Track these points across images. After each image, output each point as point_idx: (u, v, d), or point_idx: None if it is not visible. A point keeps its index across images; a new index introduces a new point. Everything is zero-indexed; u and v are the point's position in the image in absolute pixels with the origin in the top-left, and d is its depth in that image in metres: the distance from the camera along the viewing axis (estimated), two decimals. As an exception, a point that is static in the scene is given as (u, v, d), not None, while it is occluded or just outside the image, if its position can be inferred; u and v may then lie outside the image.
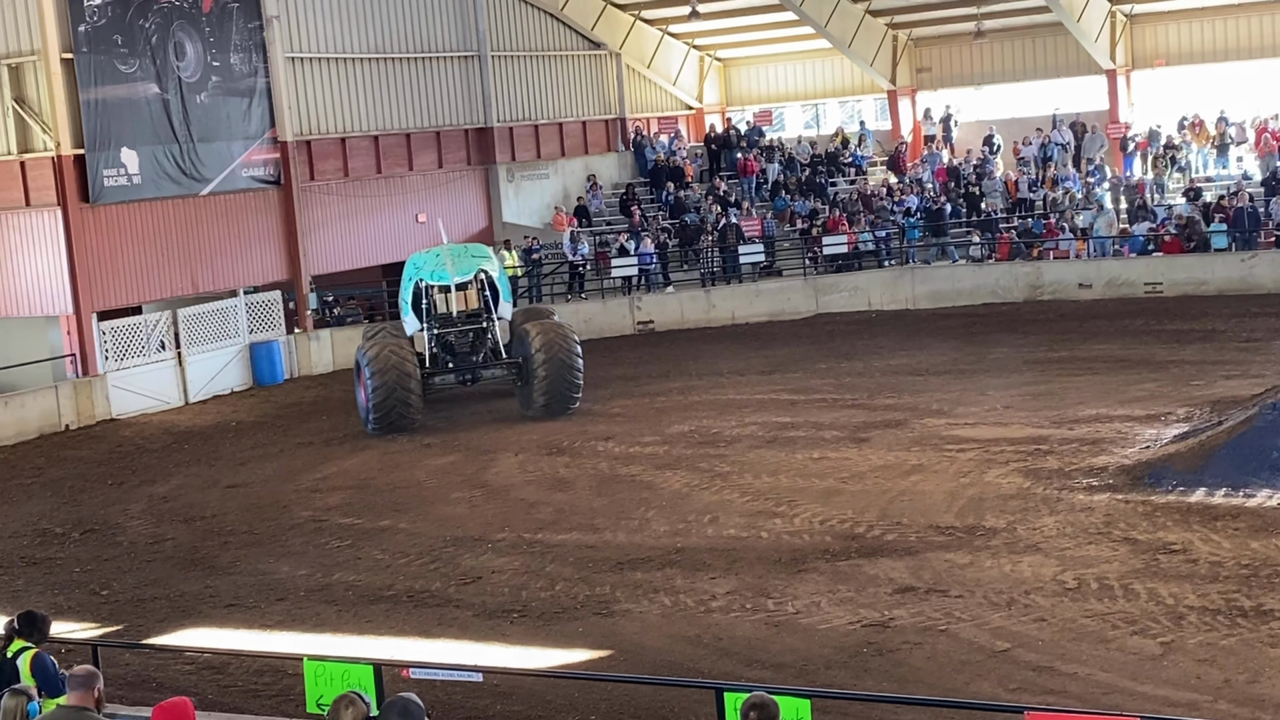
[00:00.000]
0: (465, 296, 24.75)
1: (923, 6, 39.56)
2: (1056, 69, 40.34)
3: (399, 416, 23.61)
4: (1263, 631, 12.04)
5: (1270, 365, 22.97)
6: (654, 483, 19.24)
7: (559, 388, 23.90)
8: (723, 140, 41.25)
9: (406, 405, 23.60)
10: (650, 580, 14.94)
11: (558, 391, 23.93)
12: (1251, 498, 15.84)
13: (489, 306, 24.82)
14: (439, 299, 24.69)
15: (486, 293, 24.77)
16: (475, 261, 24.94)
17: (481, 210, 36.71)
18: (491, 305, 24.83)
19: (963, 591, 13.72)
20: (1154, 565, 13.97)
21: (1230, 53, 38.76)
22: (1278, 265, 31.52)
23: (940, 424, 21.22)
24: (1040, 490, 17.03)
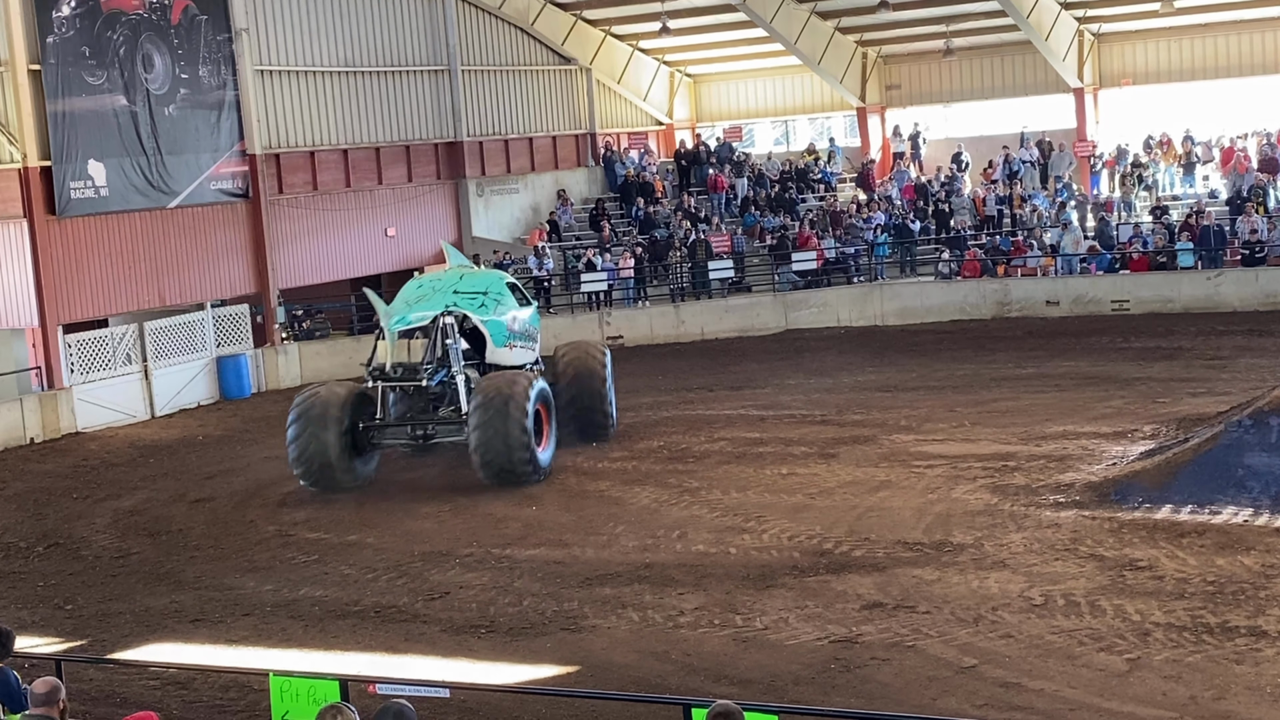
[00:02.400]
0: (408, 346, 21.39)
1: (892, 24, 39.75)
2: (1025, 87, 40.64)
3: (320, 474, 20.31)
4: (1228, 648, 12.09)
5: (1236, 383, 23.11)
6: (622, 498, 19.22)
7: (492, 453, 19.64)
8: (693, 156, 41.33)
9: (324, 463, 20.18)
10: (618, 596, 14.92)
11: (490, 457, 19.70)
12: (1217, 515, 15.92)
13: (449, 358, 20.72)
14: (379, 345, 21.38)
15: (450, 341, 20.77)
16: (445, 300, 21.11)
17: (451, 225, 36.66)
18: (452, 357, 20.68)
19: (930, 608, 13.74)
20: (1120, 582, 14.02)
21: (1196, 72, 39.12)
22: (1243, 283, 31.75)
23: (908, 440, 21.27)
24: (1007, 507, 17.08)
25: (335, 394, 20.54)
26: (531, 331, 22.43)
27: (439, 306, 21.01)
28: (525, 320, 22.20)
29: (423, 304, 21.18)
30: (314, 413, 20.27)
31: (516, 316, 21.87)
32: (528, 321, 22.32)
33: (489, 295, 21.56)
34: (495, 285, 22.01)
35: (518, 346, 21.84)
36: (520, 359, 21.90)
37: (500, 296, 21.70)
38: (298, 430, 20.33)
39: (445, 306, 21.01)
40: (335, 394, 20.54)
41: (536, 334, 22.67)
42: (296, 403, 20.72)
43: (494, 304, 21.51)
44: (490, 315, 21.37)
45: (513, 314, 21.79)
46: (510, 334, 21.63)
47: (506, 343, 21.56)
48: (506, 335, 21.57)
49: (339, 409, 20.29)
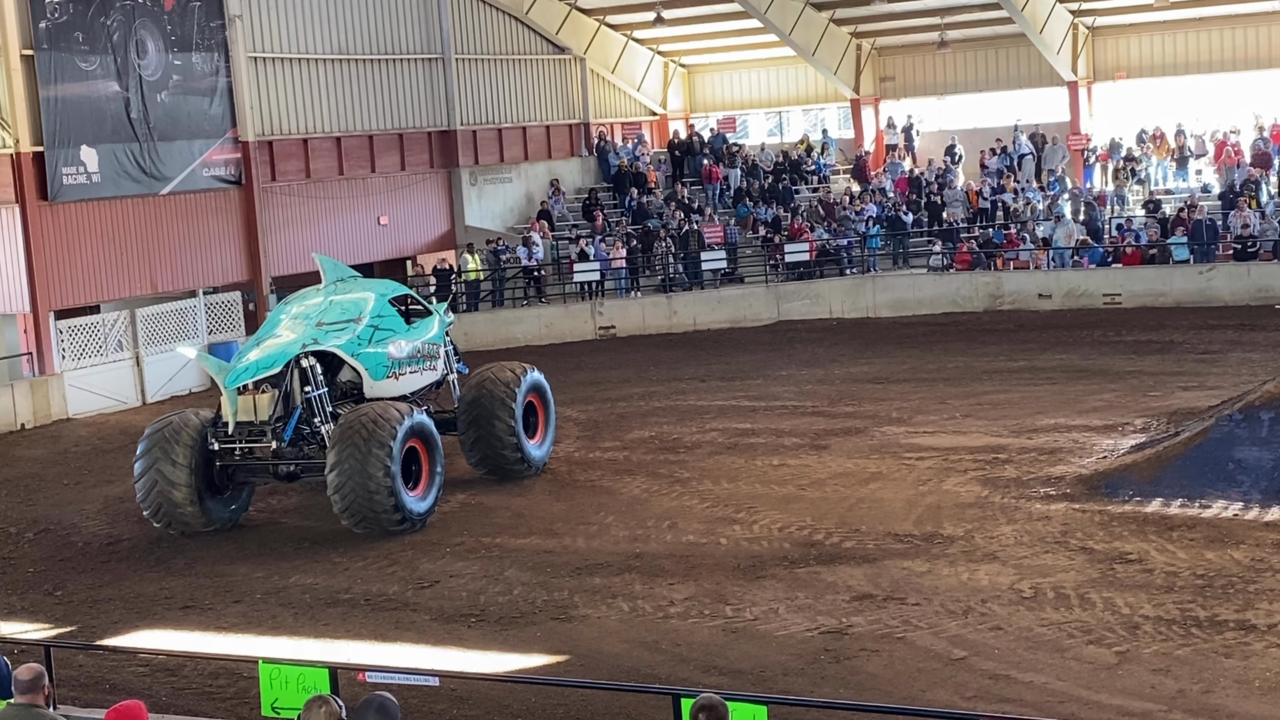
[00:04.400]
0: (254, 402, 17.90)
1: (887, 16, 39.75)
2: (1019, 80, 40.65)
3: (169, 514, 17.85)
4: (1217, 642, 12.12)
5: (1227, 377, 23.14)
6: (613, 488, 19.22)
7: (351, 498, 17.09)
8: (686, 146, 41.30)
9: (171, 503, 17.72)
10: (609, 585, 14.92)
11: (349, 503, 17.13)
12: (1207, 509, 15.95)
13: (312, 407, 18.04)
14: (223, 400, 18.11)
15: (310, 388, 18.06)
16: (305, 337, 18.35)
17: (444, 213, 36.63)
18: (316, 407, 18.03)
19: (920, 599, 13.76)
20: (1110, 575, 14.04)
21: (1190, 66, 39.15)
22: (1235, 278, 31.81)
23: (900, 432, 21.29)
24: (998, 499, 17.10)
25: (189, 423, 17.96)
26: (428, 349, 19.95)
27: (294, 348, 18.18)
28: (419, 340, 19.81)
29: (273, 348, 18.24)
30: (162, 445, 17.75)
31: (402, 341, 19.45)
32: (423, 339, 19.89)
33: (361, 322, 19.01)
34: (372, 307, 19.38)
35: (407, 373, 19.42)
36: (412, 385, 19.51)
37: (377, 320, 19.21)
38: (144, 465, 17.86)
39: (303, 346, 18.25)
40: (189, 423, 17.96)
41: (437, 349, 20.15)
42: (146, 432, 18.20)
43: (369, 332, 19.01)
44: (363, 348, 18.85)
45: (397, 340, 19.35)
46: (393, 363, 19.18)
47: (390, 373, 19.12)
48: (388, 365, 19.10)
49: (191, 441, 17.80)
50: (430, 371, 20.08)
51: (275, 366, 18.00)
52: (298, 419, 18.11)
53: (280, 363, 18.02)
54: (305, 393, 18.16)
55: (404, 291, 20.94)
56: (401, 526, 17.33)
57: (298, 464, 18.15)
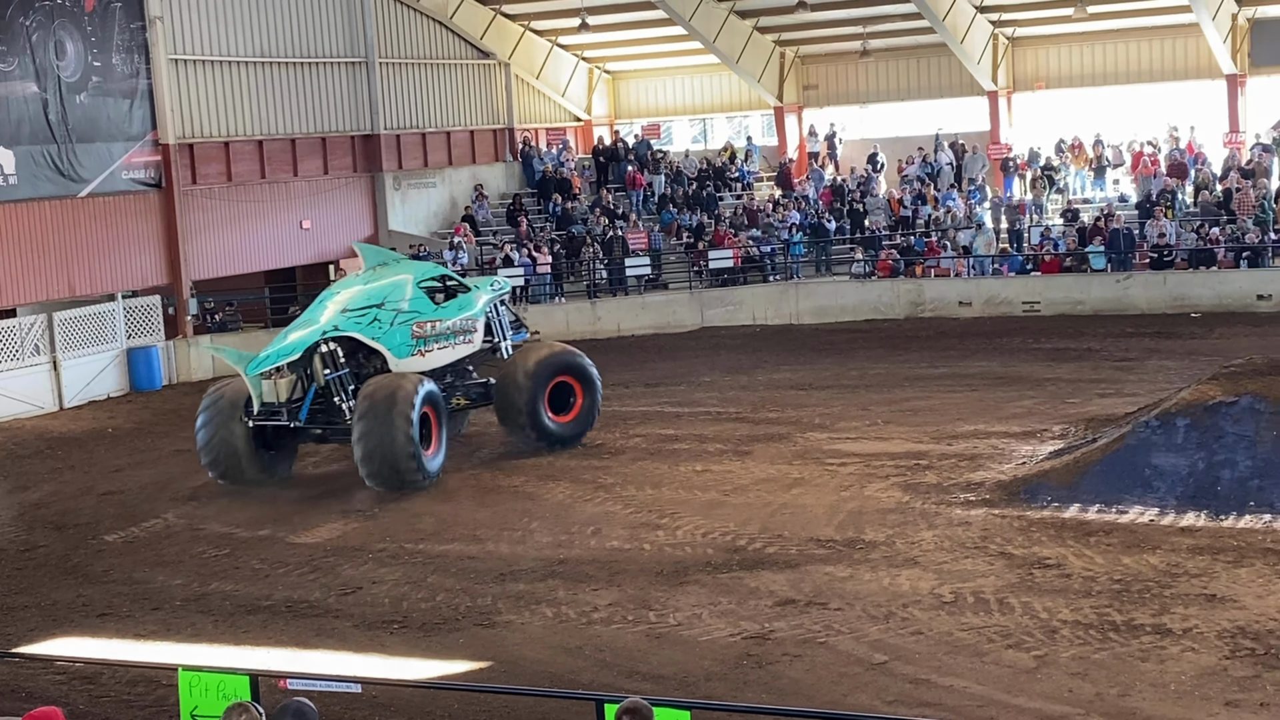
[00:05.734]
0: (276, 385, 20.09)
1: (809, 25, 40.02)
2: (940, 89, 41.08)
3: (227, 467, 20.21)
4: (1134, 646, 12.30)
5: (1144, 384, 23.50)
6: (537, 494, 19.20)
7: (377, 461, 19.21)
8: (611, 153, 41.34)
9: (231, 455, 20.08)
10: (532, 591, 14.90)
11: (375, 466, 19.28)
12: (1124, 514, 16.19)
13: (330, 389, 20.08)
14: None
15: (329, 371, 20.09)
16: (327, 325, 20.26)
17: (368, 218, 36.40)
18: (335, 389, 20.04)
19: (842, 604, 13.86)
20: (1029, 580, 14.21)
21: (1107, 77, 39.77)
22: (1152, 286, 32.32)
23: (822, 438, 21.43)
24: (919, 505, 17.25)
25: (241, 390, 20.25)
26: (462, 325, 21.51)
27: (315, 335, 20.11)
28: (449, 318, 21.31)
29: (296, 336, 20.23)
30: (221, 405, 20.17)
31: (427, 321, 20.96)
32: (454, 317, 21.38)
33: (385, 307, 20.64)
34: (397, 292, 20.92)
35: (435, 350, 21.06)
36: (441, 360, 21.16)
37: (401, 303, 20.78)
38: (204, 421, 20.25)
39: (323, 333, 20.13)
40: (241, 390, 20.25)
41: (473, 324, 21.69)
42: (206, 395, 20.75)
43: (391, 315, 20.60)
44: (384, 330, 20.50)
45: (421, 320, 20.87)
46: (418, 341, 20.80)
47: (414, 351, 20.74)
48: (411, 345, 20.72)
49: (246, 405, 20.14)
50: (465, 345, 21.66)
51: (295, 353, 20.02)
52: (313, 398, 20.19)
53: (299, 350, 20.01)
54: (326, 375, 20.10)
55: (439, 273, 22.41)
56: (422, 483, 19.47)
57: (324, 428, 20.31)
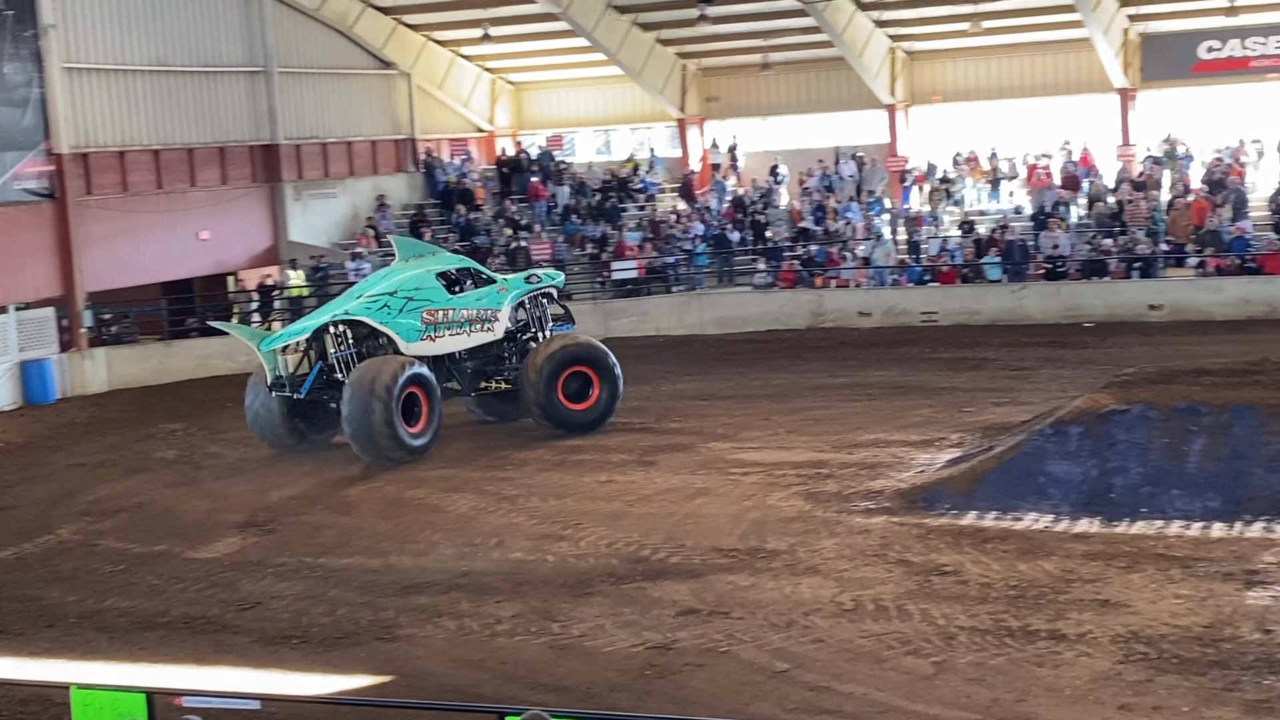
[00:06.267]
0: (286, 360, 22.43)
1: (711, 38, 40.22)
2: (840, 102, 41.45)
3: (268, 435, 22.68)
4: (1029, 651, 12.48)
5: (1038, 393, 23.86)
6: (441, 506, 19.11)
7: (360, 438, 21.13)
8: (514, 163, 41.28)
9: (270, 425, 22.53)
10: (435, 604, 14.83)
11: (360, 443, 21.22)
12: (1019, 521, 16.43)
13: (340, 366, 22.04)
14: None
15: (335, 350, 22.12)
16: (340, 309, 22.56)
17: (267, 229, 36.04)
18: (338, 365, 22.05)
19: (744, 613, 13.93)
20: (927, 586, 14.38)
21: (1003, 91, 40.38)
22: (1046, 297, 32.86)
23: (725, 448, 21.53)
24: (820, 513, 17.39)
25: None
26: (479, 314, 23.10)
27: (325, 317, 22.46)
28: (463, 307, 22.94)
29: (313, 317, 22.93)
30: (259, 378, 22.36)
31: (439, 309, 22.71)
32: (468, 307, 23.00)
33: (397, 295, 22.53)
34: (412, 281, 22.81)
35: (446, 336, 22.81)
36: (454, 346, 22.89)
37: (413, 291, 22.62)
38: (248, 392, 22.54)
39: (334, 317, 22.32)
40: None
41: (492, 314, 23.22)
42: (251, 380, 22.72)
43: (401, 302, 22.47)
44: (393, 316, 22.33)
45: (432, 308, 22.64)
46: (427, 327, 22.55)
47: (423, 336, 22.53)
48: (420, 330, 22.48)
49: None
50: (484, 333, 23.20)
51: (305, 333, 22.31)
52: (317, 374, 22.19)
53: (309, 330, 22.28)
54: (332, 353, 22.14)
55: (463, 265, 24.06)
56: (404, 458, 21.23)
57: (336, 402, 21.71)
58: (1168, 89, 38.90)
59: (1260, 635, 12.35)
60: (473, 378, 23.41)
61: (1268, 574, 14.06)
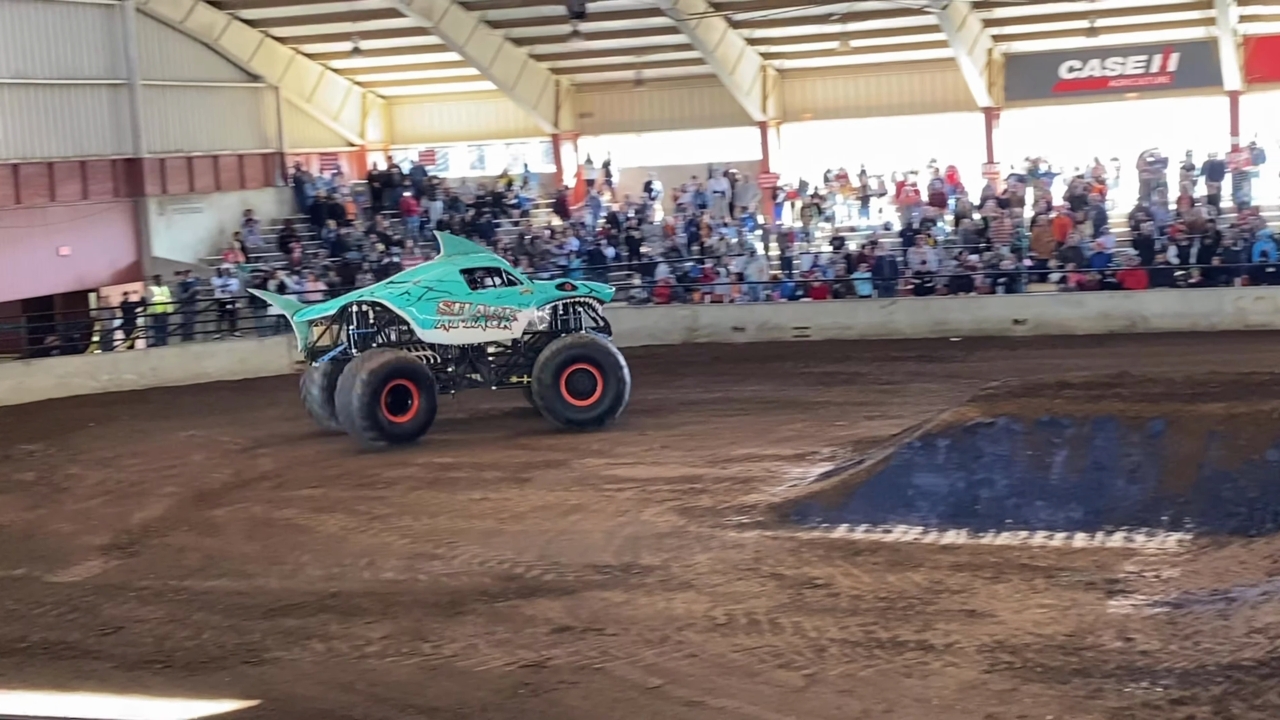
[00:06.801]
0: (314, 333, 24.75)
1: (584, 54, 40.29)
2: (713, 119, 41.74)
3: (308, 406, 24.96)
4: (898, 662, 12.59)
5: (908, 407, 24.16)
6: (310, 526, 18.83)
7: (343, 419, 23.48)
8: (385, 178, 40.95)
9: (312, 400, 24.68)
10: (303, 626, 14.58)
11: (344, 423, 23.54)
12: (889, 533, 16.61)
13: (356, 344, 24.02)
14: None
15: (353, 327, 24.10)
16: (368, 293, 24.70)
17: (130, 244, 35.34)
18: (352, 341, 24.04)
19: (618, 629, 13.89)
20: (799, 600, 14.46)
21: (872, 109, 40.97)
22: (915, 312, 33.37)
23: (600, 464, 21.51)
24: (694, 528, 17.43)
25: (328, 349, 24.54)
26: (496, 312, 24.28)
27: (352, 298, 24.74)
28: (480, 303, 24.15)
29: (347, 297, 25.21)
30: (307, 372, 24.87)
31: (455, 302, 24.00)
32: (486, 304, 24.19)
33: (420, 283, 24.14)
34: (436, 272, 24.45)
35: (460, 327, 24.08)
36: (467, 339, 24.27)
37: (435, 283, 24.06)
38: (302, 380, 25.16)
39: (359, 297, 24.56)
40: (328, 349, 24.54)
41: (511, 313, 24.35)
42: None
43: (421, 290, 23.95)
44: (411, 302, 23.86)
45: (450, 300, 23.95)
46: (442, 317, 23.88)
47: (437, 325, 23.91)
48: (436, 319, 23.86)
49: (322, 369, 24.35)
50: (500, 330, 24.42)
51: (331, 310, 24.58)
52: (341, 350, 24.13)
53: (334, 308, 24.52)
54: (351, 331, 24.04)
55: (492, 264, 25.24)
56: (380, 444, 23.09)
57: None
58: (1030, 108, 39.78)
59: (1121, 643, 12.58)
60: (496, 372, 24.73)
61: (1128, 583, 14.34)
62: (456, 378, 24.65)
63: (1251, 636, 12.10)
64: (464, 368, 24.60)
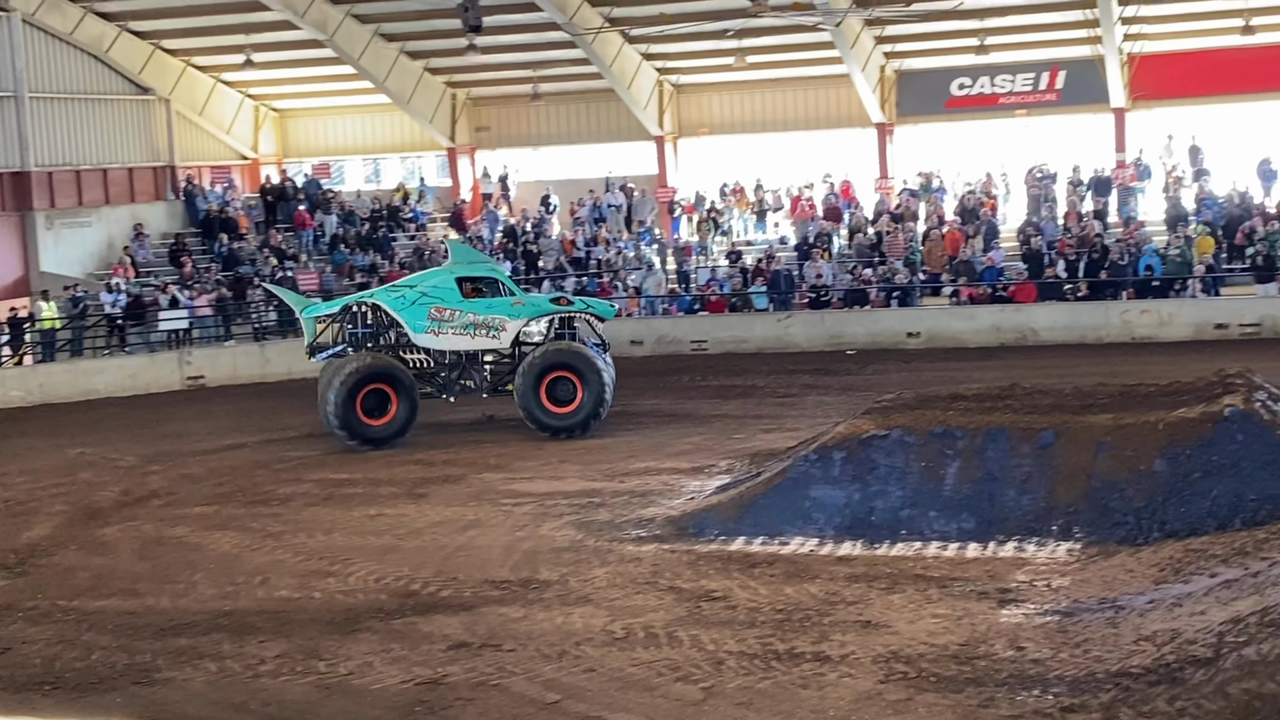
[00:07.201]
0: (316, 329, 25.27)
1: (480, 67, 40.21)
2: (610, 134, 41.87)
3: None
4: (795, 674, 12.67)
5: (804, 419, 24.38)
6: (202, 544, 18.55)
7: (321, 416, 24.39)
8: (279, 192, 40.53)
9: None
10: (195, 646, 14.36)
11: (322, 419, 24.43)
12: (786, 545, 16.71)
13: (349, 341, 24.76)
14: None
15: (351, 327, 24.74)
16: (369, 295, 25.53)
17: (17, 259, 34.66)
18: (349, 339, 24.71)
19: (516, 645, 13.84)
20: (697, 613, 14.50)
21: (767, 124, 41.33)
22: (811, 325, 33.67)
23: (498, 479, 21.44)
24: (592, 542, 17.42)
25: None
26: (485, 321, 24.70)
27: (352, 299, 25.49)
28: (471, 312, 24.61)
29: (352, 297, 26.03)
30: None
31: (446, 309, 24.59)
32: (476, 313, 24.64)
33: (415, 288, 24.83)
34: (432, 279, 25.18)
35: (449, 334, 24.64)
36: (457, 345, 24.73)
37: (430, 289, 24.73)
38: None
39: (359, 298, 25.37)
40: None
41: (501, 323, 24.75)
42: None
43: (415, 295, 24.64)
44: (405, 306, 24.53)
45: (441, 306, 24.56)
46: (433, 322, 24.54)
47: (428, 330, 24.59)
48: (427, 323, 24.53)
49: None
50: (488, 339, 24.82)
51: (334, 309, 25.29)
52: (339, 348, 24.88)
53: (337, 306, 25.32)
54: (349, 330, 24.80)
55: (490, 275, 25.53)
56: (345, 440, 24.05)
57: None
58: (923, 124, 40.35)
59: (1013, 652, 12.76)
60: (490, 380, 25.17)
61: (1020, 592, 14.56)
62: (450, 383, 25.06)
63: (1139, 644, 12.34)
64: (458, 374, 25.03)
